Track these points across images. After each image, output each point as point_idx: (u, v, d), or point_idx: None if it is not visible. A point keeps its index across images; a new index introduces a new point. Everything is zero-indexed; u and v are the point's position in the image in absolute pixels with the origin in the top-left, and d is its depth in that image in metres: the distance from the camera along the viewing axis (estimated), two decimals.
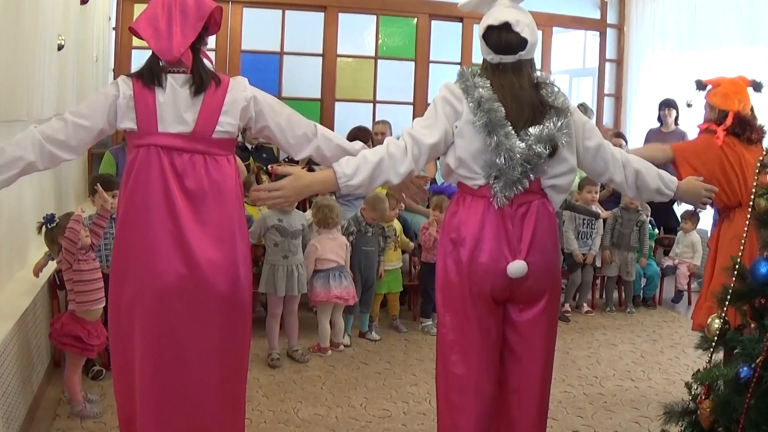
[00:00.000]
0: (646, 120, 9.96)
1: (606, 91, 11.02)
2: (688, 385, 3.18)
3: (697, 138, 5.04)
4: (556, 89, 3.44)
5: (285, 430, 4.81)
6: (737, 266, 3.01)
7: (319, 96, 9.67)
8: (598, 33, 11.11)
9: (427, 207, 7.50)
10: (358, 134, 7.80)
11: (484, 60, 3.52)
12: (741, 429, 2.68)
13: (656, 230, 8.51)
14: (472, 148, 3.36)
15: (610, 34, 11.03)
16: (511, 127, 3.31)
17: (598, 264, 7.89)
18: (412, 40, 10.03)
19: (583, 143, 3.52)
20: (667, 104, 9.23)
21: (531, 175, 3.35)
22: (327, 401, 5.33)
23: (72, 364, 4.88)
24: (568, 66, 13.52)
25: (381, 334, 6.81)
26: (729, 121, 4.70)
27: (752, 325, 2.97)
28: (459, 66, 9.79)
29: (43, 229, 4.94)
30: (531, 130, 3.32)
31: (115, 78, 8.31)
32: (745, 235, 3.13)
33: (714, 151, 4.76)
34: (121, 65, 8.81)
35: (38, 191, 5.90)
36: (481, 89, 3.35)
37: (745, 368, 2.72)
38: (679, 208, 9.01)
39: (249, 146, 8.59)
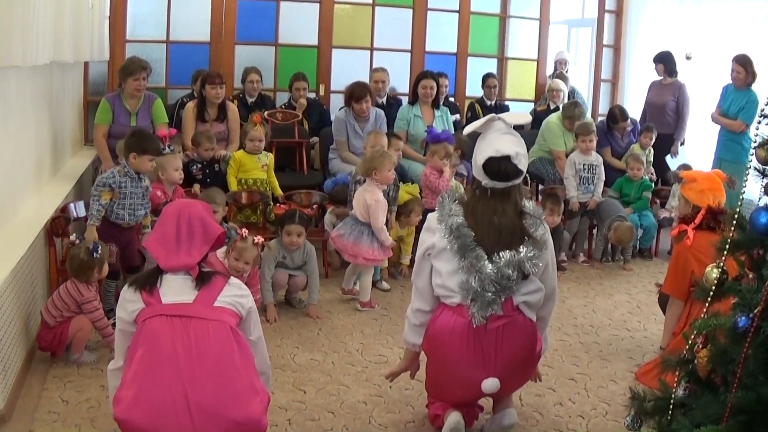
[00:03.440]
0: (645, 72, 9.89)
1: (605, 42, 10.88)
2: (685, 335, 3.19)
3: (672, 257, 5.25)
4: (538, 222, 3.74)
5: (282, 375, 4.84)
6: (736, 216, 3.00)
7: (316, 43, 9.58)
8: None
9: (424, 154, 7.50)
10: (356, 89, 7.74)
11: (475, 179, 3.83)
12: (738, 379, 2.69)
13: (653, 183, 8.49)
14: (447, 268, 3.72)
15: None
16: (481, 250, 3.63)
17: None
18: None
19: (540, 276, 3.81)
20: (658, 60, 9.16)
21: (502, 296, 3.63)
22: (323, 347, 5.37)
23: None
24: (567, 16, 13.43)
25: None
26: (698, 219, 4.94)
27: (750, 276, 2.97)
28: (457, 13, 9.82)
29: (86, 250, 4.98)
30: (503, 254, 3.62)
31: (110, 30, 8.29)
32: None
33: (687, 258, 4.95)
34: (116, 13, 8.69)
35: (35, 139, 5.88)
36: (454, 218, 3.70)
37: (743, 318, 2.73)
38: (675, 161, 9.01)
39: (249, 99, 8.53)
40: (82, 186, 7.10)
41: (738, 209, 3.03)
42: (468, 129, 4.05)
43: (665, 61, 9.12)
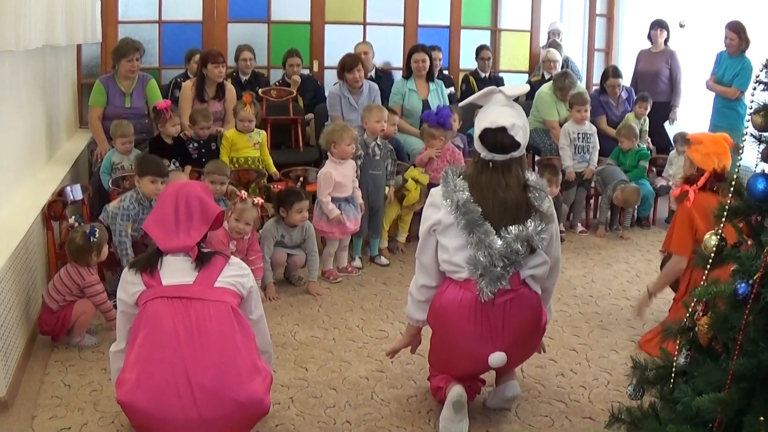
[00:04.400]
0: (638, 41, 9.86)
1: (598, 12, 10.85)
2: (685, 303, 3.19)
3: (674, 218, 5.21)
4: (543, 194, 3.74)
5: (283, 353, 4.86)
6: (734, 183, 3.00)
7: (308, 19, 9.53)
8: None
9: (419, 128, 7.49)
10: (347, 60, 7.69)
11: (477, 153, 3.80)
12: (739, 346, 2.70)
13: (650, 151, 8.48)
14: (454, 244, 3.70)
15: None
16: (489, 225, 3.62)
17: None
18: None
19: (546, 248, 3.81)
20: (658, 24, 9.16)
21: (510, 270, 3.63)
22: (324, 323, 5.38)
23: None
24: None
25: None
26: (701, 181, 4.91)
27: (749, 242, 2.97)
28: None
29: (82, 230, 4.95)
30: (511, 228, 3.62)
31: (102, 12, 8.22)
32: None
33: (691, 216, 4.92)
34: None
35: (29, 124, 5.86)
36: (459, 193, 3.68)
37: (743, 285, 2.73)
38: (672, 128, 8.99)
39: (243, 78, 8.50)
40: (78, 169, 7.09)
41: (735, 176, 3.02)
42: (465, 101, 4.06)
43: (668, 28, 9.12)
